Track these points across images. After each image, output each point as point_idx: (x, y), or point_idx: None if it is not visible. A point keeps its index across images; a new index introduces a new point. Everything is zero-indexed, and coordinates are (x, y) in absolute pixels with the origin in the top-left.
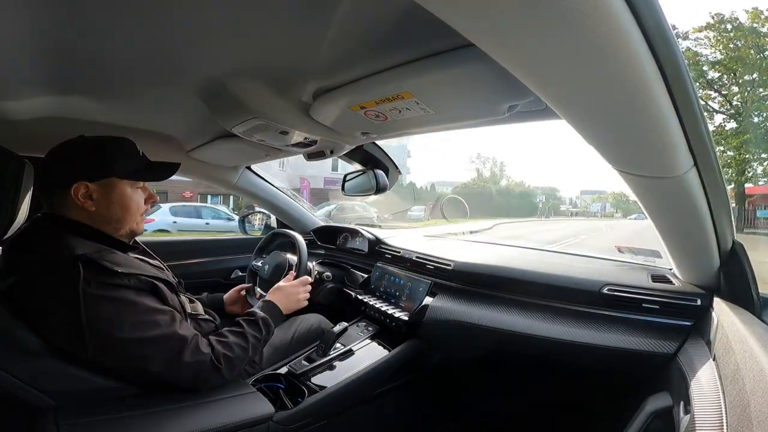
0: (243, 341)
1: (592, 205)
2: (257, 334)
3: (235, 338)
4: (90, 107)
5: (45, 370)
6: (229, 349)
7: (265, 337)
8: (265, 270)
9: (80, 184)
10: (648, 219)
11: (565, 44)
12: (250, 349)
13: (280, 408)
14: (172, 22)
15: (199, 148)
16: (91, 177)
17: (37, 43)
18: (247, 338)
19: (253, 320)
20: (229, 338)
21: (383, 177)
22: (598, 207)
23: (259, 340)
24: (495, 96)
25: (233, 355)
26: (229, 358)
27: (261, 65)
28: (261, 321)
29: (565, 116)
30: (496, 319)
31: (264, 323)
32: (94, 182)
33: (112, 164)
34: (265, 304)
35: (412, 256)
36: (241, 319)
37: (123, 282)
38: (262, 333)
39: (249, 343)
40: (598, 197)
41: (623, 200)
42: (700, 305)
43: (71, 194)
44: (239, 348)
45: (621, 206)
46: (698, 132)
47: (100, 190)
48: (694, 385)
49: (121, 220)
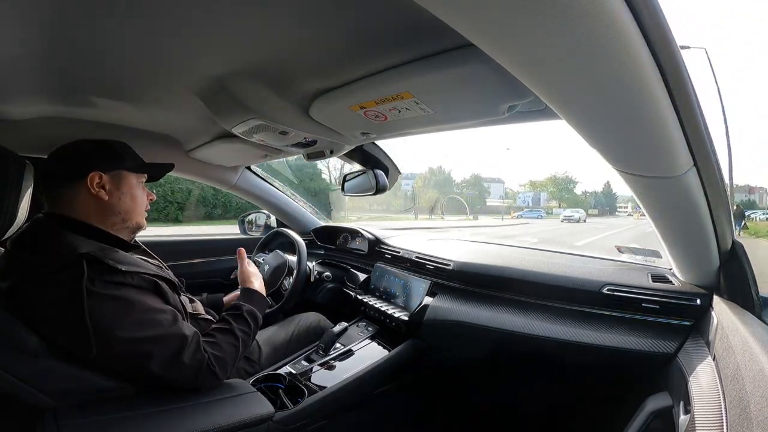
0: (232, 339)
1: (521, 196)
2: (245, 329)
3: (223, 336)
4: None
5: (45, 370)
6: (219, 349)
7: (254, 330)
8: (265, 270)
9: (95, 173)
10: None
11: (565, 44)
12: (241, 345)
13: (280, 408)
14: (172, 23)
15: (198, 149)
16: (104, 168)
17: (38, 45)
18: (236, 335)
19: (239, 314)
20: (218, 337)
21: (383, 177)
22: (529, 199)
23: (248, 334)
24: (495, 96)
25: (223, 354)
26: (219, 358)
27: (261, 65)
28: (247, 313)
29: (565, 116)
30: (496, 319)
31: (250, 315)
32: (107, 173)
33: (121, 158)
34: (246, 294)
35: (412, 256)
36: (227, 315)
37: (126, 280)
38: (251, 326)
39: (239, 340)
40: (530, 185)
41: (565, 189)
42: (699, 305)
43: (87, 184)
44: (229, 346)
45: (564, 197)
46: (698, 132)
47: (112, 181)
48: (694, 385)
49: (130, 212)
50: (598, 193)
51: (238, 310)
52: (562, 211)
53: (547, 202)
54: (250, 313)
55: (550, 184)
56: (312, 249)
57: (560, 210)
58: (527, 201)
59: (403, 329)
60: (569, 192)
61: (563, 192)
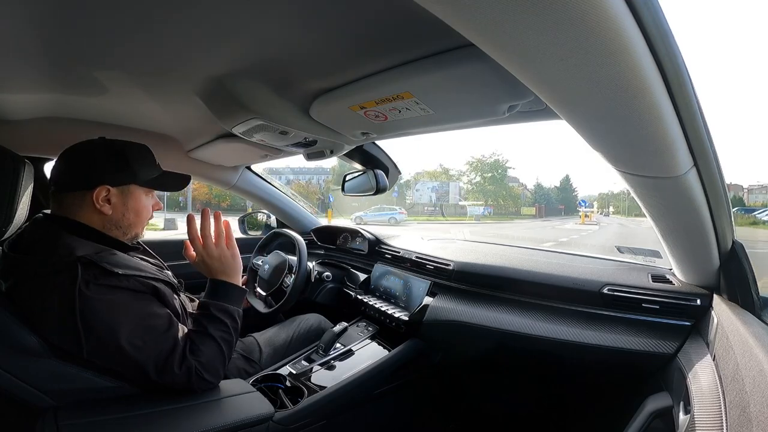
0: (211, 341)
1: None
2: (222, 327)
3: (201, 341)
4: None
5: (45, 370)
6: (202, 355)
7: (232, 325)
8: (265, 270)
9: (103, 187)
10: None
11: (565, 44)
12: (222, 345)
13: (280, 408)
14: (172, 22)
15: (199, 149)
16: (113, 182)
17: (37, 44)
18: (213, 336)
19: (208, 314)
20: (197, 343)
21: (383, 177)
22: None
23: (227, 331)
24: (495, 96)
25: (206, 359)
26: (203, 364)
27: (261, 65)
28: (217, 311)
29: (565, 116)
30: (496, 319)
31: (221, 311)
32: (116, 187)
33: (134, 171)
34: (212, 287)
35: (412, 257)
36: (198, 316)
37: (122, 283)
38: (227, 323)
39: (217, 340)
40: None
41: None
42: (700, 305)
43: (92, 196)
44: (210, 349)
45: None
46: (698, 132)
47: (119, 195)
48: (694, 385)
49: (132, 226)
50: (546, 188)
51: (206, 310)
52: (480, 210)
53: (461, 196)
54: (221, 310)
55: (474, 171)
56: (312, 249)
57: (477, 209)
58: (430, 196)
59: (403, 329)
60: (498, 183)
61: (490, 183)
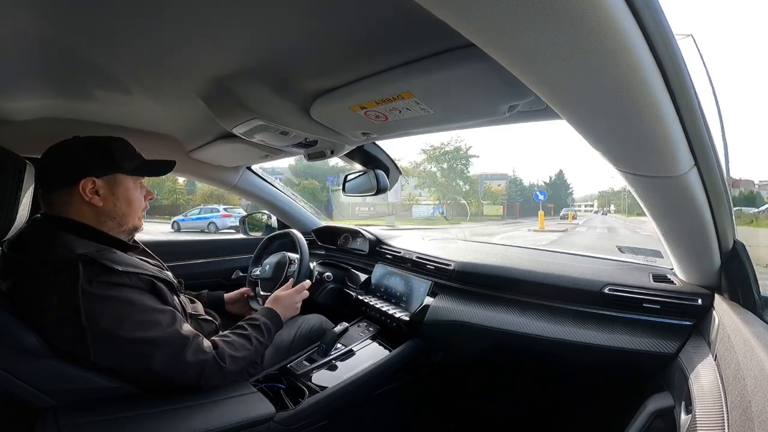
0: (247, 342)
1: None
2: (260, 338)
3: (239, 339)
4: (90, 108)
5: (45, 370)
6: (233, 348)
7: (266, 342)
8: (266, 270)
9: (87, 180)
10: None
11: (566, 44)
12: (254, 351)
13: (281, 408)
14: (172, 22)
15: (199, 149)
16: (97, 173)
17: (37, 44)
18: (251, 340)
19: (256, 324)
20: (233, 338)
21: (384, 177)
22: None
23: (262, 343)
24: (495, 96)
25: (238, 354)
26: (234, 357)
27: (262, 66)
28: (263, 326)
29: (565, 116)
30: (497, 319)
31: (266, 328)
32: (101, 178)
33: (116, 161)
34: (266, 311)
35: (413, 257)
36: (245, 323)
37: (124, 281)
38: (264, 337)
39: (253, 345)
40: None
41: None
42: (701, 305)
43: (79, 190)
44: (244, 349)
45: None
46: (698, 132)
47: (106, 186)
48: (696, 385)
49: (126, 215)
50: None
51: (255, 320)
52: (430, 210)
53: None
54: (266, 326)
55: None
56: (313, 249)
57: (426, 209)
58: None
59: (403, 329)
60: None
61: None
